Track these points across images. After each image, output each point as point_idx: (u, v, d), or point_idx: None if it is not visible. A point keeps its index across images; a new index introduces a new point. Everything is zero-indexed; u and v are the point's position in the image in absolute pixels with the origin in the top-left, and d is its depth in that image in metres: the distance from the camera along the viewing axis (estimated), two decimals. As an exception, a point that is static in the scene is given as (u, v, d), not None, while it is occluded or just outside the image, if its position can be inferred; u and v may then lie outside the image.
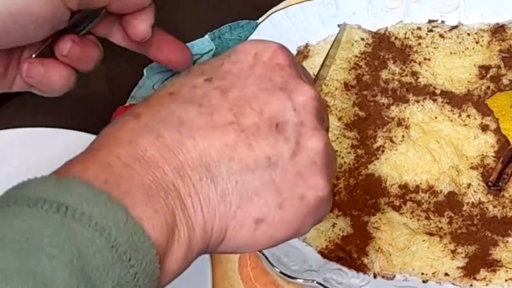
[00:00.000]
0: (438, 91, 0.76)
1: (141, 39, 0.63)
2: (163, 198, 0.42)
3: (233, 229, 0.45)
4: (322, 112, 0.49)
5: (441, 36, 0.79)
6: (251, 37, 0.77)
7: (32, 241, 0.38)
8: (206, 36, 0.82)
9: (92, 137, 0.72)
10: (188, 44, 0.75)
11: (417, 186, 0.71)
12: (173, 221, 0.43)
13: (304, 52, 0.78)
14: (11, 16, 0.55)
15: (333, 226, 0.69)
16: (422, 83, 0.77)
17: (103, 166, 0.42)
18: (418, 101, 0.75)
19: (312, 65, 0.77)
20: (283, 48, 0.49)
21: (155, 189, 0.42)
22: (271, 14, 0.80)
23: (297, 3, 0.80)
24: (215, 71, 0.47)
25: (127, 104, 0.78)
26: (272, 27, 0.78)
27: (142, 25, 0.62)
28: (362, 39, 0.79)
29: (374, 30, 0.80)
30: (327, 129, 0.49)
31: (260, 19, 0.81)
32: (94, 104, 0.67)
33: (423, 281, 0.67)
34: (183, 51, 0.71)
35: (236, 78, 0.47)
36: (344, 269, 0.67)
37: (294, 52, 0.78)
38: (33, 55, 0.61)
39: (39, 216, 0.39)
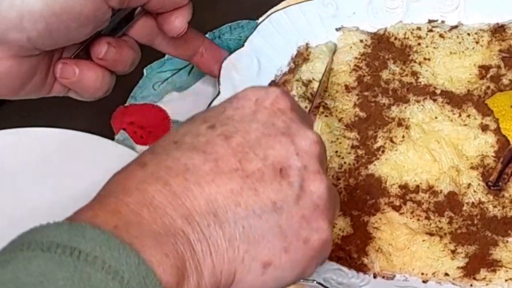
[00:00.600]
0: (438, 91, 0.76)
1: (177, 34, 0.63)
2: (173, 243, 0.43)
3: (241, 273, 0.46)
4: (324, 155, 0.49)
5: (441, 36, 0.79)
6: (251, 37, 0.77)
7: (46, 284, 0.38)
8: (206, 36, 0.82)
9: (92, 137, 0.73)
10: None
11: (417, 186, 0.71)
12: (182, 266, 0.43)
13: (304, 54, 0.78)
14: (54, 16, 0.55)
15: (333, 226, 0.69)
16: (422, 83, 0.77)
17: (113, 213, 0.43)
18: (418, 101, 0.75)
19: (312, 70, 0.77)
20: (284, 93, 0.50)
21: (164, 235, 0.43)
22: (271, 14, 0.80)
23: (297, 3, 0.80)
24: (217, 118, 0.48)
25: (127, 104, 0.78)
26: (272, 27, 0.78)
27: (178, 21, 0.62)
28: (361, 40, 0.79)
29: (374, 30, 0.80)
30: (326, 169, 0.50)
31: (260, 19, 0.81)
32: (94, 104, 0.67)
33: (423, 281, 0.67)
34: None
35: (238, 124, 0.47)
36: (344, 269, 0.67)
37: (294, 52, 0.78)
38: (71, 57, 0.61)
39: (52, 260, 0.39)
